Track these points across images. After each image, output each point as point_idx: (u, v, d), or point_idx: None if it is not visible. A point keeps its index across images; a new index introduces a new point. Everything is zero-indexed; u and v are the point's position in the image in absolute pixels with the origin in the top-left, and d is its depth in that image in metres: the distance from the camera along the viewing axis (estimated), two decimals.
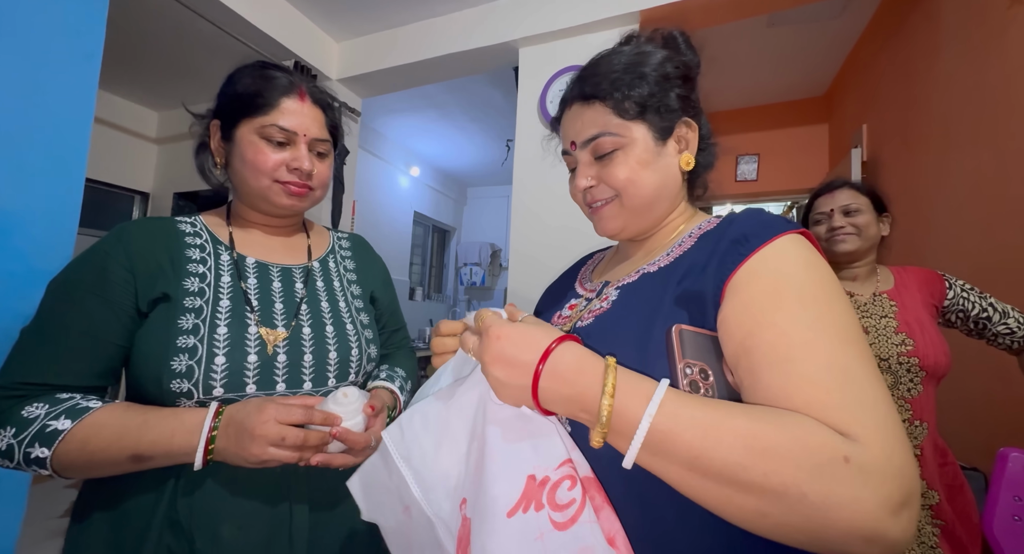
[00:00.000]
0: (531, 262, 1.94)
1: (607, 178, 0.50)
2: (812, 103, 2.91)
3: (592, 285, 0.57)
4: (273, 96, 0.62)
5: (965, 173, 1.46)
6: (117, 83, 2.90)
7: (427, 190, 4.56)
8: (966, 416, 1.36)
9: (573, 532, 0.35)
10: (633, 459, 0.34)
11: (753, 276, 0.39)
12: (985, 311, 1.02)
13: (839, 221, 1.08)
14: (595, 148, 0.51)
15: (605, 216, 0.53)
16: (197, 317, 0.58)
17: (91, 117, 0.94)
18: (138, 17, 2.17)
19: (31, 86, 0.85)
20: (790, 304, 0.37)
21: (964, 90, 1.48)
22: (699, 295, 0.42)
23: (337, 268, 0.76)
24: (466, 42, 2.14)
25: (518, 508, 0.36)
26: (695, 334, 0.40)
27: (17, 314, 0.80)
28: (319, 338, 0.65)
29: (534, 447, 0.39)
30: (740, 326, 0.38)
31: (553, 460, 0.38)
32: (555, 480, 0.37)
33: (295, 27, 2.22)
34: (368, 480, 0.46)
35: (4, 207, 0.81)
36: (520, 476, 0.38)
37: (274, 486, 0.58)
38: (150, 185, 3.32)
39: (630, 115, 0.50)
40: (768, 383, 0.35)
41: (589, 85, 0.51)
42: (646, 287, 0.47)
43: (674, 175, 0.52)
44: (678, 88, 0.51)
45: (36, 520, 2.00)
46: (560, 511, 0.36)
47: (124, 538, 0.54)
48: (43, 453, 0.50)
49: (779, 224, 0.42)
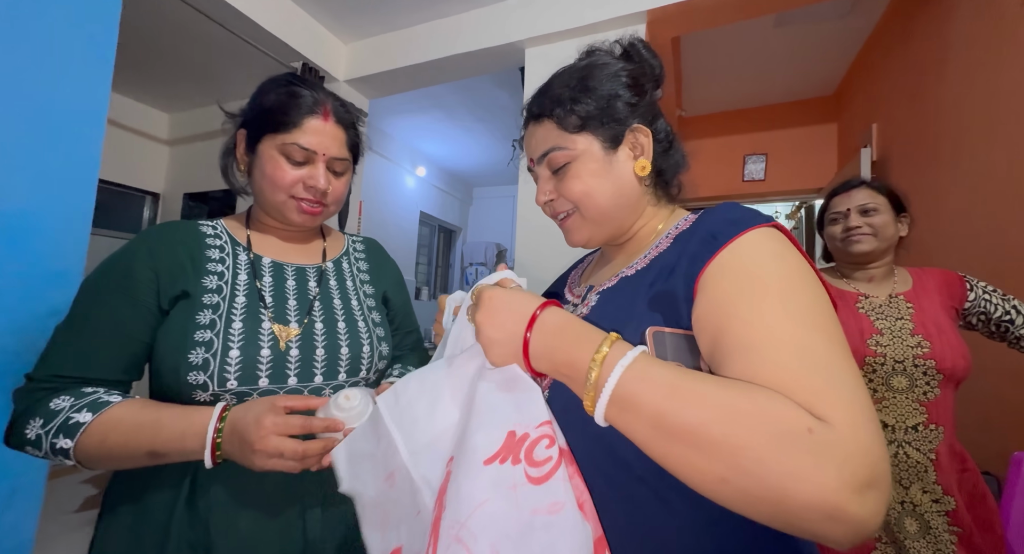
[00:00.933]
0: (537, 262, 1.94)
1: (564, 192, 0.53)
2: (821, 102, 2.88)
3: (579, 290, 0.58)
4: (297, 115, 0.64)
5: (978, 173, 1.44)
6: (128, 85, 2.94)
7: (433, 190, 4.57)
8: (980, 420, 1.34)
9: (546, 487, 0.37)
10: (603, 413, 0.35)
11: (721, 271, 0.40)
12: (1008, 313, 0.99)
13: (855, 221, 1.06)
14: (549, 162, 0.53)
15: (570, 228, 0.55)
16: (214, 313, 0.60)
17: (104, 119, 0.96)
18: (149, 20, 2.20)
19: (46, 90, 0.87)
20: (756, 295, 0.38)
21: (976, 88, 1.46)
22: (671, 295, 0.42)
23: (351, 269, 0.78)
24: (472, 43, 2.15)
25: (495, 458, 0.38)
26: (670, 335, 0.42)
27: (33, 312, 0.82)
28: (331, 334, 0.67)
29: (517, 405, 0.41)
30: (709, 321, 0.39)
31: (534, 419, 0.40)
32: (534, 438, 0.39)
33: (303, 29, 2.24)
34: (354, 449, 0.48)
35: (20, 208, 0.83)
36: (501, 430, 0.40)
37: (287, 479, 0.59)
38: (161, 186, 3.36)
39: (574, 128, 0.52)
40: (734, 371, 0.35)
41: (537, 104, 0.55)
42: (623, 290, 0.49)
43: (630, 181, 0.53)
44: (625, 96, 0.52)
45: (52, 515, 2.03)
46: (536, 467, 0.37)
47: (147, 529, 0.56)
48: (67, 444, 0.52)
49: (748, 219, 0.43)
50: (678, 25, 1.89)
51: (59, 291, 0.85)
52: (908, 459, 0.92)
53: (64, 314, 0.60)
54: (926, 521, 0.89)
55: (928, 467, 0.91)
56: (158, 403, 0.57)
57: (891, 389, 0.95)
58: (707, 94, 2.93)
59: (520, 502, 0.36)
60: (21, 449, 0.55)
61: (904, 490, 0.91)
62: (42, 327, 0.71)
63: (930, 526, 0.88)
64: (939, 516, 0.89)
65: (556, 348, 0.39)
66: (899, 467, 0.92)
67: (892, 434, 0.93)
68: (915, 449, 0.92)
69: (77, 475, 2.66)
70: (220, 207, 3.11)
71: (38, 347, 0.59)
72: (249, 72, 2.63)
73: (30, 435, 0.53)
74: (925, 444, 0.92)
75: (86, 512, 2.18)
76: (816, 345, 0.35)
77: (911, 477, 0.91)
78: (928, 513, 0.89)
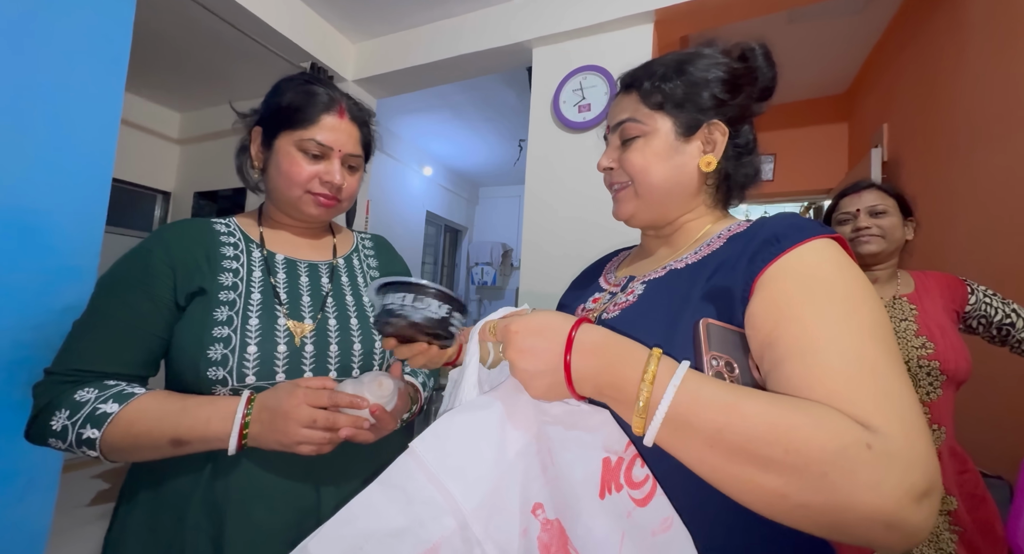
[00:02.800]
0: (543, 262, 1.94)
1: (624, 163, 0.53)
2: (832, 101, 2.84)
3: (616, 280, 0.58)
4: (314, 112, 0.65)
5: (992, 173, 1.42)
6: (140, 85, 2.98)
7: (439, 190, 4.58)
8: (990, 424, 1.32)
9: (653, 506, 0.36)
10: (654, 436, 0.34)
11: (782, 273, 0.40)
12: (1008, 317, 1.00)
13: (865, 222, 1.06)
14: (622, 132, 0.53)
15: (620, 200, 0.56)
16: (231, 309, 0.61)
17: (118, 119, 0.97)
18: (160, 21, 2.23)
19: (61, 90, 0.88)
20: (818, 300, 0.37)
21: (991, 87, 1.44)
22: (727, 291, 0.42)
23: (361, 265, 0.79)
24: (480, 43, 2.15)
25: (605, 489, 0.37)
26: (722, 328, 0.41)
27: (48, 308, 0.83)
28: (344, 330, 0.68)
29: (596, 434, 0.39)
30: (766, 320, 0.39)
31: (620, 442, 0.39)
32: (628, 460, 0.38)
33: (312, 29, 2.25)
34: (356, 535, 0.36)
35: (36, 206, 0.85)
36: (596, 461, 0.38)
37: (303, 471, 0.61)
38: (172, 185, 3.40)
39: (654, 105, 0.52)
40: (790, 373, 0.35)
41: (631, 75, 0.55)
42: (673, 282, 0.48)
43: (689, 173, 0.52)
44: (716, 89, 0.51)
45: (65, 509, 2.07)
46: (637, 489, 0.37)
47: (163, 519, 0.58)
48: (94, 434, 0.53)
49: (813, 228, 0.43)
50: (687, 24, 1.88)
51: (74, 287, 0.87)
52: None
53: (79, 310, 0.61)
54: None
55: None
56: (183, 394, 0.58)
57: None
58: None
59: (642, 528, 0.35)
60: (43, 442, 0.55)
61: None
62: (57, 322, 0.72)
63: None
64: (940, 516, 0.90)
65: (599, 369, 0.38)
66: None
67: None
68: None
69: (90, 469, 2.70)
70: (230, 206, 3.14)
71: (53, 342, 0.60)
72: (259, 72, 2.65)
73: (55, 426, 0.54)
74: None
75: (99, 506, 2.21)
76: (875, 356, 0.34)
77: None
78: None
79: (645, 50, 1.84)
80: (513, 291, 4.83)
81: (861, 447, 0.29)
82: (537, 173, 1.99)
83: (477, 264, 4.82)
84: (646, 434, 0.35)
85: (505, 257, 4.88)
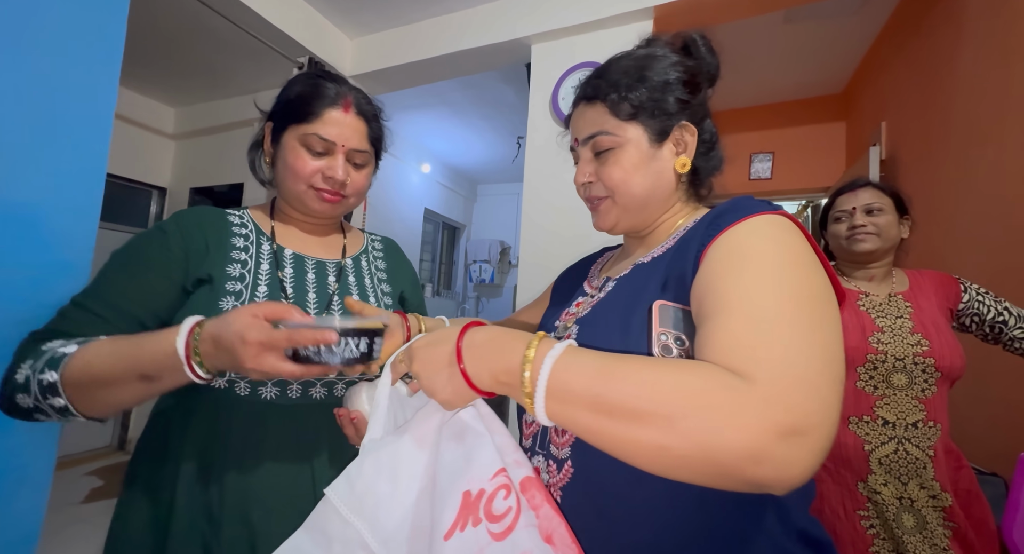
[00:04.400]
0: (541, 259, 1.93)
1: (602, 177, 0.53)
2: (829, 100, 2.85)
3: (597, 282, 0.59)
4: (318, 106, 0.65)
5: (989, 171, 1.42)
6: (134, 80, 2.95)
7: (437, 187, 4.57)
8: (987, 421, 1.33)
9: (511, 540, 0.36)
10: (543, 411, 0.36)
11: (717, 250, 0.42)
12: (1001, 315, 1.01)
13: (860, 219, 1.07)
14: (594, 145, 0.54)
15: (600, 212, 0.56)
16: (236, 300, 0.61)
17: (112, 114, 0.96)
18: (155, 15, 2.21)
19: (55, 85, 0.87)
20: (739, 269, 0.39)
21: (989, 86, 1.44)
22: (681, 276, 0.44)
23: (369, 267, 0.79)
24: (479, 39, 2.14)
25: (455, 528, 0.37)
26: (674, 308, 0.43)
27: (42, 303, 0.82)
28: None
29: (468, 461, 0.40)
30: (698, 292, 0.41)
31: (487, 471, 0.39)
32: (490, 492, 0.38)
33: (310, 24, 2.24)
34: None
35: (30, 201, 0.84)
36: (456, 495, 0.38)
37: (301, 472, 0.60)
38: (167, 180, 3.38)
39: (625, 116, 0.52)
40: (700, 338, 0.37)
41: (592, 86, 0.54)
42: (637, 275, 0.50)
43: (667, 177, 0.53)
44: (678, 92, 0.53)
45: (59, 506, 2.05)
46: (497, 522, 0.37)
47: (160, 516, 0.57)
48: (52, 377, 0.50)
49: (754, 206, 0.44)
50: (685, 21, 1.88)
51: (67, 283, 0.86)
52: (908, 455, 0.93)
53: None
54: (923, 516, 0.91)
55: (927, 464, 0.92)
56: (146, 333, 0.54)
57: (891, 386, 0.96)
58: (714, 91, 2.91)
59: None
60: (13, 402, 0.52)
61: (903, 486, 0.93)
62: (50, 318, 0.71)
63: (926, 521, 0.90)
64: (935, 512, 0.91)
65: (490, 361, 0.40)
66: (899, 463, 0.94)
67: (893, 431, 0.95)
68: (915, 446, 0.93)
69: (83, 466, 2.69)
70: (226, 202, 3.13)
71: None
72: (255, 68, 2.63)
73: (20, 378, 0.51)
74: (924, 441, 0.94)
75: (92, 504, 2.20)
76: (778, 312, 0.35)
77: (910, 473, 0.93)
78: (924, 508, 0.91)
79: None
80: (511, 288, 4.83)
81: (720, 390, 0.31)
82: (536, 170, 1.99)
83: (475, 261, 4.81)
84: (536, 411, 0.36)
85: (503, 254, 4.88)
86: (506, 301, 4.87)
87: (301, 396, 0.62)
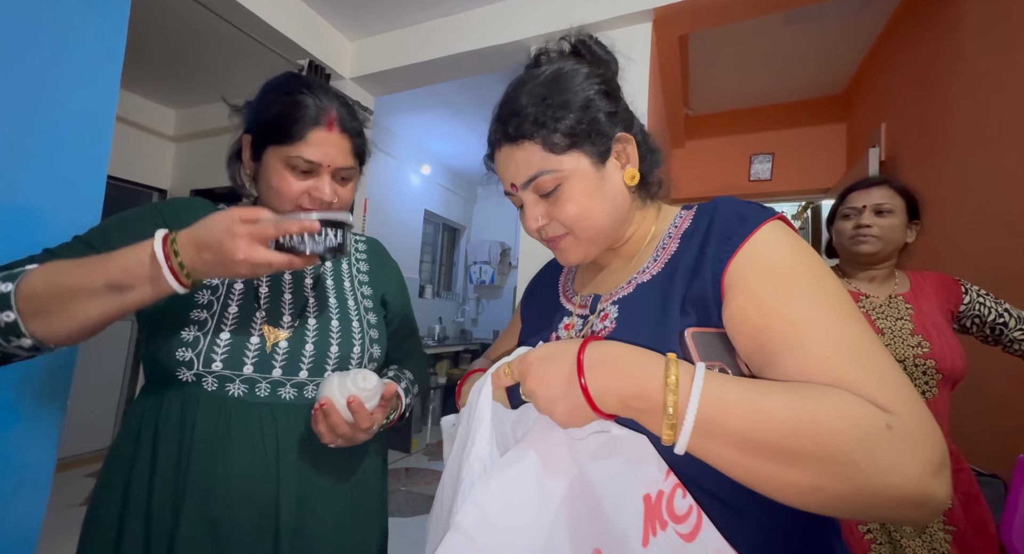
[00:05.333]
0: (541, 261, 1.92)
1: (557, 215, 0.49)
2: (829, 101, 2.85)
3: (581, 299, 0.56)
4: (301, 128, 0.61)
5: (989, 173, 1.42)
6: (136, 82, 2.96)
7: (438, 188, 4.57)
8: (986, 422, 1.33)
9: (702, 539, 0.34)
10: (686, 444, 0.33)
11: (745, 269, 0.41)
12: (1001, 316, 1.01)
13: (868, 219, 1.05)
14: (536, 187, 0.49)
15: (565, 249, 0.51)
16: (212, 294, 0.62)
17: (113, 116, 0.96)
18: (156, 17, 2.21)
19: (56, 88, 0.87)
20: (787, 290, 0.39)
21: (989, 88, 1.44)
22: (700, 297, 0.42)
23: (350, 269, 0.78)
24: (478, 41, 2.15)
25: (647, 533, 0.35)
26: (705, 334, 0.41)
27: None
28: (323, 331, 0.67)
29: (635, 468, 0.37)
30: (747, 321, 0.39)
31: (659, 473, 0.37)
32: (668, 492, 0.36)
33: (310, 26, 2.24)
34: None
35: (31, 203, 0.84)
36: (636, 499, 0.36)
37: (266, 469, 0.60)
38: (168, 182, 3.38)
39: (562, 149, 0.47)
40: (786, 369, 0.36)
41: (513, 126, 0.49)
42: (645, 297, 0.47)
43: (621, 193, 0.50)
44: (604, 106, 0.49)
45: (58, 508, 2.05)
46: (682, 523, 0.35)
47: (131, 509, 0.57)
48: (5, 288, 0.46)
49: (756, 214, 0.43)
50: (685, 23, 1.88)
51: None
52: None
53: None
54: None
55: None
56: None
57: None
58: (714, 93, 2.92)
59: None
60: None
61: None
62: None
63: (926, 525, 0.90)
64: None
65: (618, 381, 0.37)
66: None
67: None
68: None
69: (83, 468, 2.69)
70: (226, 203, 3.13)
71: None
72: (255, 69, 2.63)
73: None
74: None
75: None
76: (856, 337, 0.36)
77: None
78: None
79: (644, 49, 1.84)
80: (511, 290, 4.83)
81: (882, 430, 0.30)
82: None
83: (475, 263, 4.81)
84: (677, 442, 0.34)
85: (503, 256, 4.88)
86: (506, 302, 4.87)
87: (270, 395, 0.62)
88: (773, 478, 0.32)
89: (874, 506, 0.30)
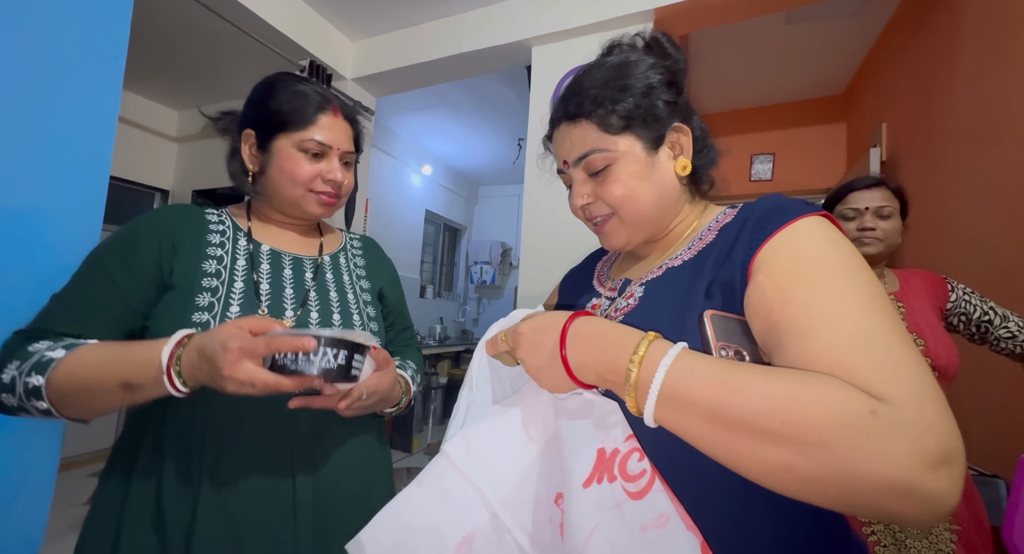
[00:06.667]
0: (542, 261, 1.94)
1: (603, 195, 0.51)
2: (830, 101, 2.85)
3: (612, 284, 0.57)
4: (310, 113, 0.67)
5: (989, 173, 1.42)
6: (138, 83, 2.97)
7: (439, 188, 4.58)
8: (986, 423, 1.32)
9: (647, 501, 0.36)
10: (651, 415, 0.35)
11: (773, 255, 0.40)
12: (987, 314, 1.02)
13: (871, 222, 1.05)
14: (587, 165, 0.51)
15: (608, 232, 0.53)
16: (213, 296, 0.62)
17: (115, 117, 0.97)
18: (159, 18, 2.22)
19: (59, 88, 0.88)
20: (812, 278, 0.37)
21: (989, 88, 1.44)
22: (729, 284, 0.42)
23: (348, 264, 0.79)
24: (479, 41, 2.15)
25: (592, 479, 0.37)
26: (726, 319, 0.41)
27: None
28: (325, 323, 0.68)
29: (599, 425, 0.40)
30: (763, 302, 0.38)
31: (620, 434, 0.39)
32: (624, 452, 0.38)
33: (312, 27, 2.25)
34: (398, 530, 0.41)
35: (33, 204, 0.84)
36: (591, 450, 0.39)
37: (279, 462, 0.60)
38: (170, 182, 3.39)
39: (616, 129, 0.49)
40: (791, 354, 0.35)
41: (573, 104, 0.51)
42: (672, 280, 0.48)
43: (671, 182, 0.51)
44: (664, 95, 0.51)
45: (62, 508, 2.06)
46: (632, 482, 0.37)
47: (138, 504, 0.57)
48: (38, 381, 0.51)
49: (798, 207, 0.43)
50: (686, 23, 1.88)
51: None
52: None
53: None
54: None
55: None
56: (132, 341, 0.56)
57: None
58: (714, 92, 2.92)
59: (628, 520, 0.35)
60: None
61: None
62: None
63: (931, 526, 0.89)
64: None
65: (596, 356, 0.39)
66: None
67: None
68: None
69: (87, 468, 2.70)
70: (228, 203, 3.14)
71: None
72: (257, 70, 2.64)
73: (5, 379, 0.53)
74: None
75: None
76: (874, 326, 0.34)
77: None
78: None
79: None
80: (512, 290, 4.83)
81: (864, 415, 0.29)
82: (536, 172, 1.99)
83: (476, 263, 4.82)
84: (644, 414, 0.35)
85: (504, 256, 4.88)
86: (507, 302, 4.87)
87: None
88: (743, 455, 0.31)
89: (855, 493, 0.28)
